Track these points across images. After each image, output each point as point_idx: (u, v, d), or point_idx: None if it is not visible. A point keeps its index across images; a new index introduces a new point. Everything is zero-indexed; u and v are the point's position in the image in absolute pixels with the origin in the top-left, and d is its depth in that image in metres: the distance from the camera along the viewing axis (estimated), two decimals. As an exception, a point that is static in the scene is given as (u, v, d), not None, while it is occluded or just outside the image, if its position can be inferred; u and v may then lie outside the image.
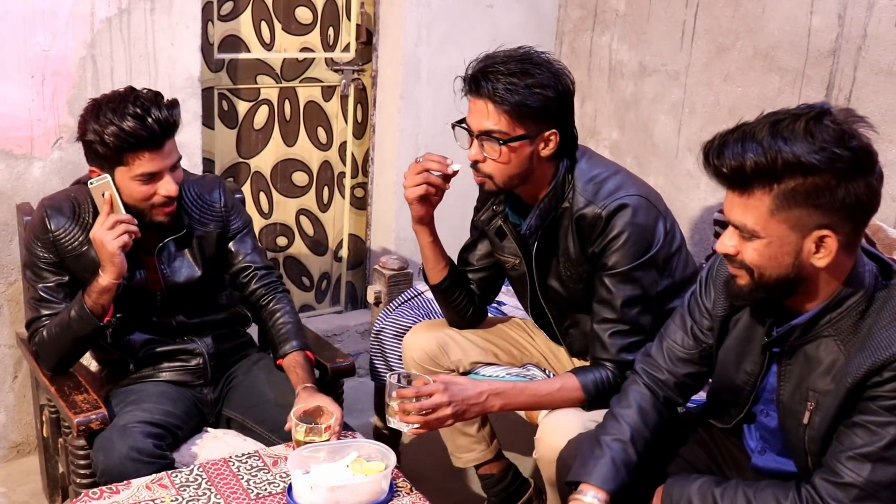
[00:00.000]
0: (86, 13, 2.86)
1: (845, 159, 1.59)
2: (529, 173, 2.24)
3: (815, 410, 1.77)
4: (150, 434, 2.22)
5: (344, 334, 3.83)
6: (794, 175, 1.61)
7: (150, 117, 2.18)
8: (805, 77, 2.98)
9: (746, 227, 1.69)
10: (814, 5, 2.93)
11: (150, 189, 2.26)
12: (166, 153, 2.24)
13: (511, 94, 2.12)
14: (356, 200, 3.91)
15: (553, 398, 2.25)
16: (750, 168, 1.63)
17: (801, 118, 1.62)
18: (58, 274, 2.36)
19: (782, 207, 1.64)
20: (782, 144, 1.60)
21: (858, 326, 1.72)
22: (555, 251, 2.34)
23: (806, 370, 1.79)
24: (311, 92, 3.69)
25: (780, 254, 1.68)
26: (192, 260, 2.45)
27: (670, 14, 3.44)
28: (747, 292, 1.77)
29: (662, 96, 3.52)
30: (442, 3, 3.61)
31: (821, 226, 1.64)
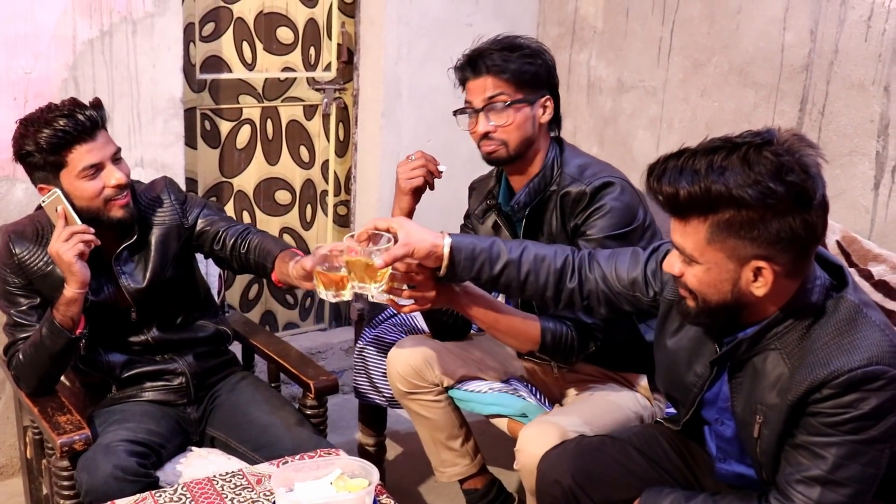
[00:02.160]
0: (67, 35, 2.87)
1: (778, 195, 1.56)
2: (533, 140, 2.35)
3: (764, 424, 1.78)
4: (134, 453, 2.21)
5: (328, 351, 3.83)
6: (729, 207, 1.60)
7: (77, 114, 2.23)
8: (779, 92, 3.01)
9: (685, 252, 1.69)
10: (786, 22, 2.96)
11: (98, 183, 2.27)
12: (102, 143, 2.27)
13: (509, 63, 2.28)
14: (339, 218, 3.91)
15: (512, 325, 2.25)
16: (683, 198, 1.62)
17: (740, 148, 1.60)
18: (28, 297, 2.36)
19: (717, 237, 1.63)
20: (716, 176, 1.58)
21: (804, 340, 1.72)
22: (539, 232, 2.40)
23: (755, 383, 1.79)
24: (292, 111, 3.70)
25: (718, 281, 1.68)
26: (154, 263, 2.44)
27: (647, 31, 3.46)
28: (694, 315, 1.77)
29: (640, 112, 3.55)
30: (422, 22, 3.63)
31: (757, 256, 1.63)
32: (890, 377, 1.63)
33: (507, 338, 2.32)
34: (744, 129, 2.95)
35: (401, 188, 2.49)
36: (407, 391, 2.60)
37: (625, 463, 2.09)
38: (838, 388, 1.64)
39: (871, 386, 1.63)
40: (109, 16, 2.93)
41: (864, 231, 2.76)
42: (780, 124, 3.01)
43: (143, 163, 3.09)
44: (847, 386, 1.63)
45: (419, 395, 2.60)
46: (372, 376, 2.82)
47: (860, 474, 1.68)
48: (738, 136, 1.65)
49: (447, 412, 2.63)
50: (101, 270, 2.38)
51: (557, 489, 2.06)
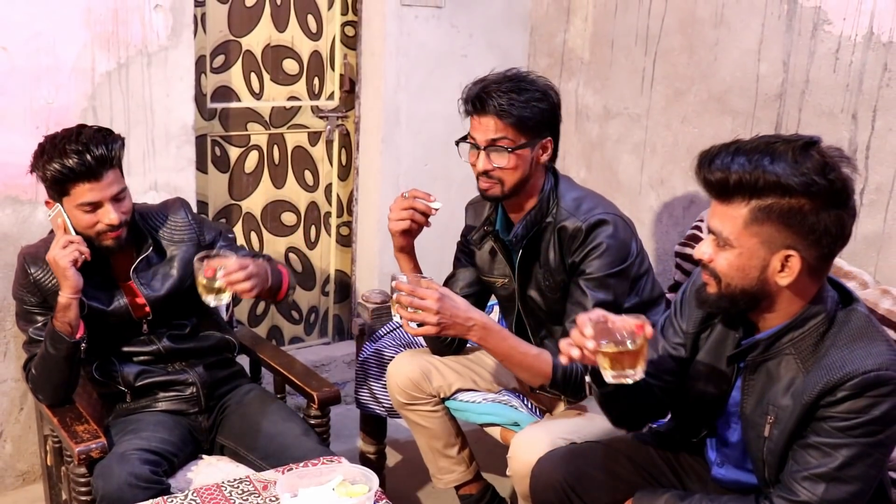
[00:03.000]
0: (87, 68, 2.90)
1: (821, 187, 1.62)
2: (529, 178, 2.34)
3: (775, 424, 1.79)
4: (148, 461, 2.22)
5: (331, 364, 3.83)
6: (773, 193, 1.64)
7: (89, 154, 2.24)
8: (755, 118, 3.03)
9: (722, 235, 1.72)
10: (761, 53, 2.99)
11: (93, 218, 2.31)
12: (105, 184, 2.29)
13: (514, 107, 2.25)
14: (342, 238, 3.93)
15: (526, 359, 2.28)
16: (734, 181, 1.66)
17: (791, 143, 1.66)
18: (44, 314, 2.38)
19: (756, 221, 1.67)
20: (767, 163, 1.64)
21: (818, 347, 1.74)
22: (536, 261, 2.40)
23: (767, 385, 1.81)
24: (298, 137, 3.72)
25: (747, 266, 1.71)
26: (171, 272, 2.47)
27: (631, 61, 3.49)
28: (714, 300, 1.79)
29: (626, 137, 3.56)
30: (419, 54, 3.65)
31: (788, 245, 1.67)
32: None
33: (519, 370, 2.33)
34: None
35: (389, 228, 2.49)
36: (406, 402, 2.61)
37: (614, 469, 2.09)
38: (852, 391, 1.66)
39: (882, 391, 1.65)
40: (126, 49, 2.95)
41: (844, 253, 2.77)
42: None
43: (156, 186, 3.12)
44: (860, 388, 1.65)
45: (417, 406, 2.62)
46: (372, 388, 2.84)
47: (864, 474, 1.70)
48: (788, 135, 1.71)
49: (444, 422, 2.64)
50: (111, 283, 2.42)
51: (550, 494, 2.07)
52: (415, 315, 2.16)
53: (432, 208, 2.43)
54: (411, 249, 2.53)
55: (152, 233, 2.49)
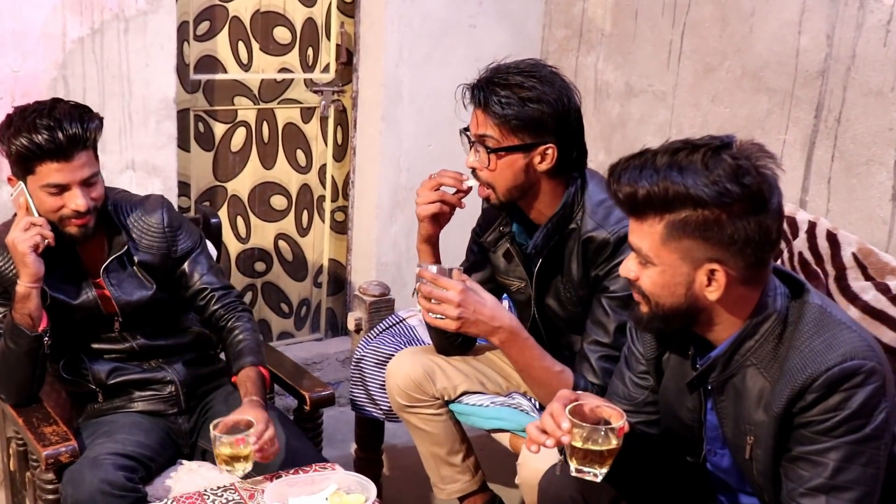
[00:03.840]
0: (57, 33, 2.87)
1: (735, 195, 1.63)
2: (528, 187, 2.29)
3: (755, 444, 1.80)
4: (122, 466, 2.21)
5: (324, 362, 3.82)
6: (685, 206, 1.66)
7: (61, 131, 2.20)
8: (794, 98, 3.01)
9: (641, 252, 1.74)
10: (802, 25, 2.96)
11: (58, 201, 2.26)
12: (76, 166, 2.24)
13: (502, 107, 2.19)
14: (336, 224, 3.91)
15: (546, 375, 2.28)
16: (642, 196, 1.69)
17: (700, 149, 1.66)
18: (4, 305, 2.35)
19: (673, 237, 1.69)
20: (676, 175, 1.65)
21: (777, 352, 1.75)
22: (557, 271, 2.37)
23: (739, 404, 1.82)
24: (289, 113, 3.70)
25: (672, 283, 1.73)
26: (142, 278, 2.45)
27: (657, 34, 3.47)
28: (647, 320, 1.82)
29: (649, 117, 3.55)
30: (424, 23, 3.64)
31: (710, 259, 1.69)
32: (867, 370, 1.66)
33: (535, 385, 2.33)
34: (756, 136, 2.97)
35: (417, 214, 2.46)
36: (406, 404, 2.60)
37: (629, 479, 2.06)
38: (820, 391, 1.67)
39: (852, 382, 1.66)
40: (101, 13, 2.93)
41: (882, 243, 2.75)
42: (794, 131, 3.02)
43: (134, 165, 3.09)
44: (828, 386, 1.66)
45: (419, 409, 2.60)
46: (369, 388, 2.82)
47: (861, 476, 1.69)
48: (698, 139, 1.71)
49: (447, 426, 2.63)
50: (80, 275, 2.39)
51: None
52: (435, 306, 2.15)
53: (465, 186, 2.38)
54: (436, 241, 2.50)
55: (126, 229, 2.44)
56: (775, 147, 3.07)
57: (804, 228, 2.59)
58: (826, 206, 2.95)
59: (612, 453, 1.76)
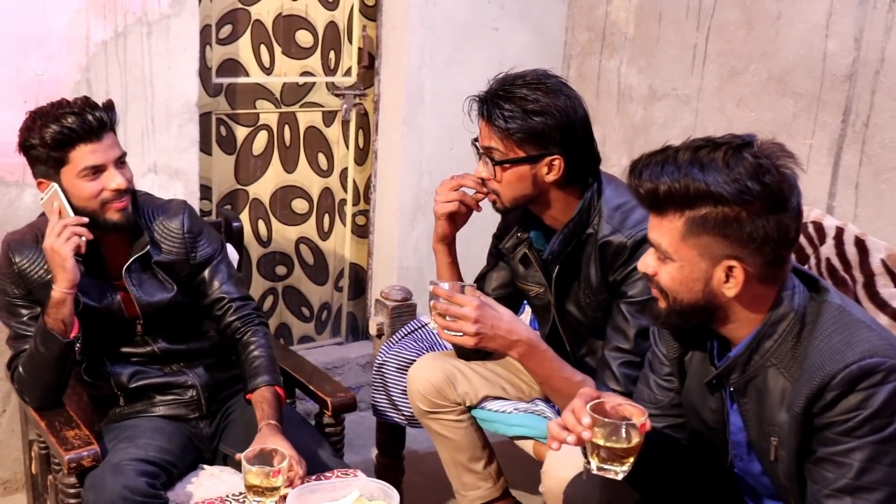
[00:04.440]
0: (80, 36, 2.89)
1: (755, 193, 1.65)
2: (537, 196, 2.29)
3: (779, 445, 1.79)
4: (144, 472, 2.21)
5: (345, 366, 3.83)
6: (705, 203, 1.68)
7: (88, 114, 2.27)
8: (821, 102, 2.99)
9: (661, 248, 1.76)
10: (829, 28, 2.95)
11: (97, 185, 2.29)
12: (107, 146, 2.30)
13: (505, 120, 2.20)
14: (357, 228, 3.91)
15: (567, 386, 2.27)
16: (663, 192, 1.71)
17: (721, 147, 1.69)
18: (29, 307, 2.37)
19: (692, 233, 1.71)
20: (697, 172, 1.67)
21: (796, 351, 1.76)
22: (576, 276, 2.37)
23: (761, 405, 1.82)
24: (311, 117, 3.71)
25: (690, 279, 1.74)
26: (163, 280, 2.46)
27: (681, 37, 3.45)
28: (665, 316, 1.83)
29: (673, 121, 3.53)
30: (446, 26, 3.64)
31: (729, 256, 1.70)
32: (887, 368, 1.65)
33: (555, 396, 2.33)
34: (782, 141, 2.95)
35: (434, 212, 2.48)
36: (428, 410, 2.59)
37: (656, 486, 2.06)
38: (839, 389, 1.66)
39: (872, 380, 1.65)
40: (124, 17, 2.94)
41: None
42: (820, 136, 3.01)
43: (156, 168, 3.11)
44: (847, 384, 1.66)
45: (441, 415, 2.60)
46: (391, 394, 2.81)
47: (887, 476, 1.68)
48: (719, 137, 1.74)
49: (469, 433, 2.62)
50: (103, 277, 2.40)
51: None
52: (451, 324, 2.16)
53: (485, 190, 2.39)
54: (452, 241, 2.52)
55: (149, 231, 2.46)
56: (801, 152, 3.05)
57: (832, 234, 2.57)
58: (854, 212, 2.93)
59: (634, 451, 1.75)
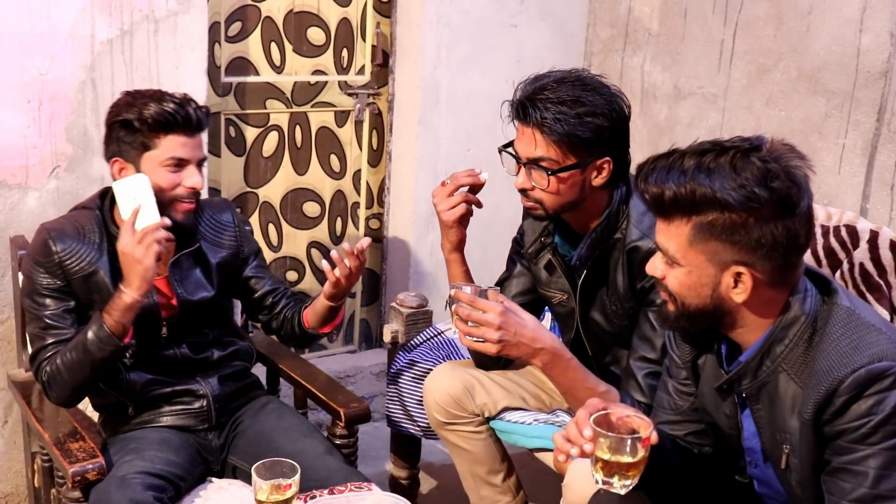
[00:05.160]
0: (85, 35, 2.87)
1: (762, 199, 1.66)
2: (581, 201, 2.27)
3: (791, 452, 1.80)
4: (151, 486, 2.20)
5: (357, 375, 3.81)
6: (712, 209, 1.69)
7: (188, 107, 2.34)
8: (854, 100, 2.96)
9: (668, 253, 1.78)
10: (863, 23, 2.92)
11: (176, 178, 2.34)
12: (196, 143, 2.37)
13: (560, 124, 2.14)
14: (371, 232, 3.90)
15: (591, 396, 2.21)
16: (668, 198, 1.72)
17: (728, 152, 1.69)
18: (63, 300, 2.36)
19: (700, 239, 1.72)
20: (703, 177, 1.68)
21: (807, 356, 1.77)
22: (602, 283, 2.35)
23: (773, 411, 1.83)
24: (323, 117, 3.69)
25: (698, 284, 1.76)
26: (206, 279, 2.50)
27: (707, 33, 3.43)
28: (673, 319, 1.85)
29: (699, 121, 3.51)
30: (463, 23, 3.62)
31: (737, 262, 1.72)
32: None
33: (579, 407, 2.28)
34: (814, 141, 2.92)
35: (443, 221, 2.46)
36: (445, 421, 2.58)
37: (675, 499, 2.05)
38: (848, 394, 1.67)
39: (882, 385, 1.66)
40: (130, 14, 2.93)
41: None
42: (854, 135, 2.97)
43: (163, 171, 3.09)
44: (855, 389, 1.66)
45: (458, 426, 2.58)
46: (406, 404, 2.80)
47: None
48: (727, 140, 1.75)
49: (488, 444, 2.61)
50: None
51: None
52: (473, 329, 2.13)
53: (482, 179, 2.40)
54: (463, 248, 2.51)
55: (200, 230, 2.52)
56: (834, 152, 3.02)
57: (865, 238, 2.54)
58: (889, 215, 2.90)
59: (638, 465, 1.73)
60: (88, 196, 2.52)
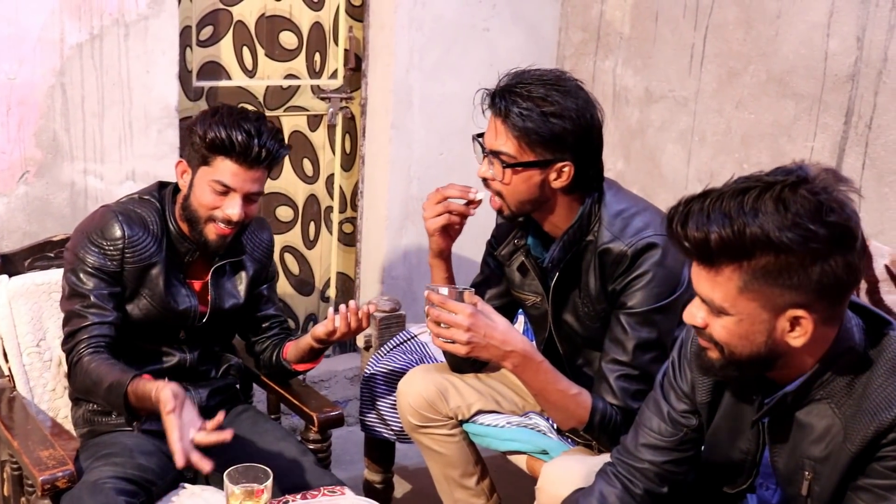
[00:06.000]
0: (55, 39, 2.86)
1: (820, 237, 1.53)
2: (542, 202, 2.26)
3: (815, 480, 1.74)
4: (123, 490, 2.19)
5: (332, 380, 3.81)
6: (765, 252, 1.56)
7: (259, 139, 2.31)
8: (822, 103, 2.98)
9: (714, 304, 1.65)
10: (830, 27, 2.94)
11: (216, 201, 2.34)
12: (251, 178, 2.34)
13: (523, 119, 2.15)
14: (344, 237, 3.89)
15: (562, 399, 2.25)
16: (715, 242, 1.58)
17: (773, 187, 1.56)
18: (112, 284, 2.36)
19: (752, 286, 1.59)
20: (751, 218, 1.55)
21: (853, 387, 1.69)
22: (574, 285, 2.35)
23: (799, 437, 1.77)
24: (296, 121, 3.69)
25: (751, 332, 1.64)
26: (236, 289, 2.54)
27: (678, 37, 3.45)
28: (718, 368, 1.73)
29: (670, 124, 3.53)
30: (435, 27, 3.63)
31: (795, 305, 1.60)
32: None
33: (551, 409, 2.30)
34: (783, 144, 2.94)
35: (426, 228, 2.46)
36: (418, 424, 2.58)
37: None
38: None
39: None
40: (100, 18, 2.92)
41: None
42: (822, 138, 2.99)
43: (134, 176, 3.08)
44: None
45: (432, 429, 2.58)
46: (379, 408, 2.80)
47: None
48: (768, 173, 1.61)
49: (461, 447, 2.61)
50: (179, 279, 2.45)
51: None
52: (444, 331, 2.14)
53: (473, 196, 2.37)
54: (449, 255, 2.50)
55: (243, 242, 2.55)
56: (803, 154, 3.04)
57: (834, 240, 2.56)
58: (857, 217, 2.92)
59: None
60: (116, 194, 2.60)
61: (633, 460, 1.99)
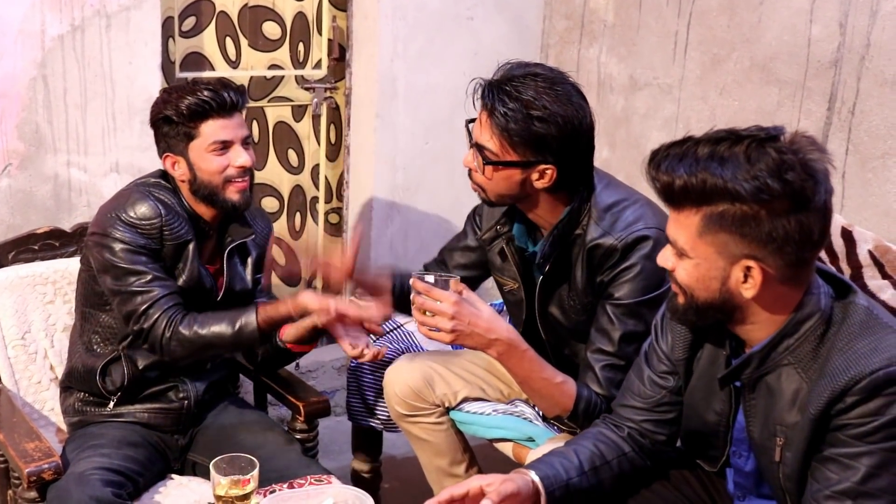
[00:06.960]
0: (35, 31, 2.85)
1: (775, 192, 1.60)
2: (523, 198, 2.26)
3: (785, 445, 1.78)
4: (110, 482, 2.19)
5: (319, 370, 3.81)
6: (722, 200, 1.64)
7: (224, 89, 2.40)
8: (805, 89, 3.00)
9: (677, 244, 1.74)
10: (813, 14, 2.95)
11: (223, 160, 2.39)
12: (236, 124, 2.41)
13: (507, 119, 2.14)
14: (330, 227, 3.89)
15: (547, 387, 2.25)
16: (678, 187, 1.68)
17: (743, 141, 1.64)
18: (157, 260, 2.39)
19: (709, 230, 1.68)
20: (715, 167, 1.64)
21: (818, 352, 1.74)
22: (562, 279, 2.35)
23: (770, 403, 1.80)
24: (280, 112, 3.68)
25: (707, 277, 1.73)
26: (244, 272, 2.58)
27: (662, 24, 3.46)
28: (681, 311, 1.82)
29: (655, 111, 3.54)
30: (419, 16, 3.63)
31: (746, 255, 1.67)
32: None
33: (536, 397, 2.31)
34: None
35: None
36: (406, 413, 2.59)
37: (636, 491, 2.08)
38: (862, 394, 1.65)
39: (895, 388, 1.65)
40: (81, 9, 2.91)
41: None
42: (805, 124, 3.01)
43: (118, 168, 3.07)
44: (871, 390, 1.65)
45: (419, 418, 2.59)
46: (366, 397, 2.81)
47: (892, 484, 1.68)
48: (745, 129, 1.69)
49: (449, 435, 2.62)
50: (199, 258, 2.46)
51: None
52: (428, 319, 2.14)
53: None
54: None
55: (249, 220, 2.58)
56: (787, 141, 3.05)
57: (818, 225, 2.57)
58: (840, 202, 2.94)
59: None
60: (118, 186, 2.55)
61: (617, 418, 2.07)
